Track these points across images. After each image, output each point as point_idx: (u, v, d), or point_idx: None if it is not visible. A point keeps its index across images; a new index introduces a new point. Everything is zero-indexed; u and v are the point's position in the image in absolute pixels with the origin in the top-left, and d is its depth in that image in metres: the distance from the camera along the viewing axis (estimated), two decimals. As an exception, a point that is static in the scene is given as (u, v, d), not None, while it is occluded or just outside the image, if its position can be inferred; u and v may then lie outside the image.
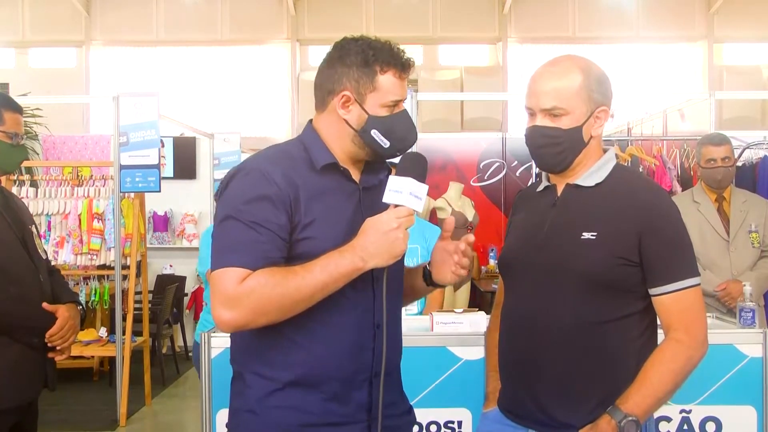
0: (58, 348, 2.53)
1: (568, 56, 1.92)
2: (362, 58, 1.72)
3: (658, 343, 1.89)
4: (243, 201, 1.66)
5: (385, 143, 1.74)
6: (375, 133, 1.73)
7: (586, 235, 1.82)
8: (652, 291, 1.83)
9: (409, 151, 1.78)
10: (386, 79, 1.73)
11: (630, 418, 1.76)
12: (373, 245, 1.62)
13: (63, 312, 2.51)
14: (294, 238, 1.68)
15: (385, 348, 1.72)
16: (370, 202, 1.71)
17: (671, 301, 1.81)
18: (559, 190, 1.94)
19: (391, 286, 1.76)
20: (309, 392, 1.71)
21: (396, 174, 1.68)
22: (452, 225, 1.81)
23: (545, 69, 1.89)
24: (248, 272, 1.62)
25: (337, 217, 1.72)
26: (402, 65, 1.74)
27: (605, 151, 1.96)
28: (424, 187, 1.68)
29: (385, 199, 1.66)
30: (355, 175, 1.80)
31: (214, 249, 1.68)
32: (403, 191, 1.66)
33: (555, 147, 1.86)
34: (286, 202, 1.67)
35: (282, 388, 1.72)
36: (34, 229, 2.65)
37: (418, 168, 1.70)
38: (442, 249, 1.81)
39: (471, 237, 1.81)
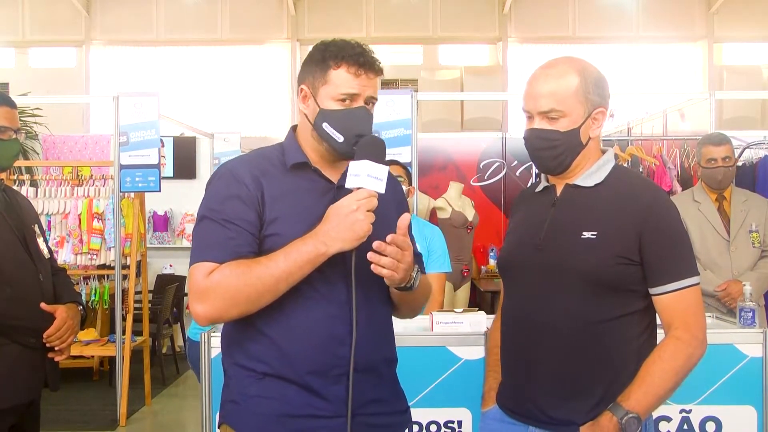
0: (56, 348, 2.53)
1: (565, 58, 1.92)
2: (320, 55, 1.79)
3: (658, 342, 1.89)
4: (216, 201, 1.76)
5: (339, 137, 1.76)
6: (326, 127, 1.77)
7: (586, 235, 1.83)
8: (653, 290, 1.84)
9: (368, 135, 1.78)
10: (338, 74, 1.76)
11: (631, 415, 1.77)
12: (334, 229, 1.66)
13: (61, 312, 2.51)
14: (261, 235, 1.74)
15: (357, 344, 1.72)
16: None
17: (672, 300, 1.82)
18: (559, 190, 1.95)
19: (371, 281, 1.76)
20: (287, 384, 1.74)
21: (355, 159, 1.71)
22: (406, 221, 1.71)
23: (542, 71, 1.89)
24: (216, 266, 1.68)
25: (303, 215, 1.75)
26: (357, 61, 1.75)
27: (603, 152, 1.96)
28: (383, 168, 1.70)
29: (347, 184, 1.70)
30: (335, 174, 1.83)
31: (191, 248, 1.76)
32: (360, 174, 1.68)
33: (553, 150, 1.87)
34: (255, 200, 1.74)
35: (261, 378, 1.76)
36: (36, 228, 2.64)
37: (374, 150, 1.72)
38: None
39: (389, 236, 1.66)
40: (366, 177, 1.68)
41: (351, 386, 1.73)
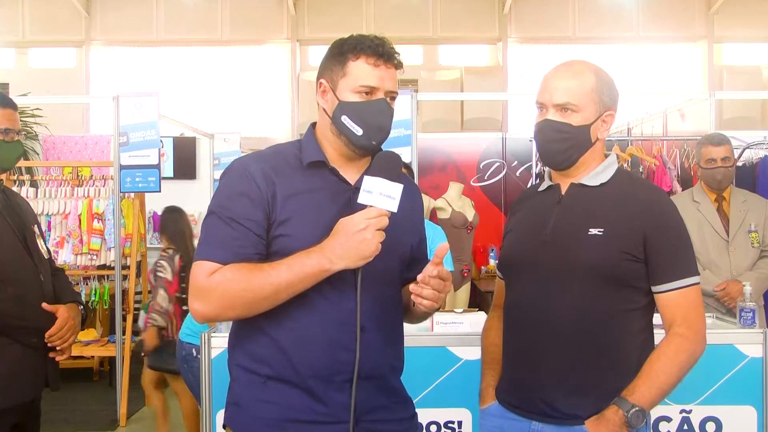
0: (58, 348, 2.53)
1: (582, 60, 1.99)
2: (339, 49, 1.76)
3: (655, 341, 1.92)
4: (225, 197, 1.74)
5: (358, 130, 1.73)
6: (345, 119, 1.73)
7: (593, 231, 1.86)
8: (656, 288, 1.88)
9: (383, 150, 1.77)
10: (357, 65, 1.73)
11: (636, 409, 1.80)
12: (341, 247, 1.62)
13: (63, 312, 2.51)
14: (270, 236, 1.71)
15: (361, 351, 1.70)
16: None
17: (674, 297, 1.86)
18: (563, 188, 1.98)
19: (380, 288, 1.75)
20: (289, 388, 1.73)
21: (369, 174, 1.67)
22: (444, 251, 1.69)
23: (561, 68, 1.95)
24: (219, 266, 1.67)
25: (316, 216, 1.72)
26: (375, 52, 1.73)
27: (606, 155, 2.00)
28: (397, 187, 1.66)
29: (359, 199, 1.66)
30: (353, 174, 1.80)
31: (198, 241, 1.75)
32: (373, 191, 1.64)
33: (564, 142, 1.91)
34: (264, 199, 1.71)
35: (264, 382, 1.74)
36: (36, 229, 2.65)
37: (389, 166, 1.69)
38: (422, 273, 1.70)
39: (435, 270, 1.66)
40: (378, 195, 1.64)
41: (354, 393, 1.71)
